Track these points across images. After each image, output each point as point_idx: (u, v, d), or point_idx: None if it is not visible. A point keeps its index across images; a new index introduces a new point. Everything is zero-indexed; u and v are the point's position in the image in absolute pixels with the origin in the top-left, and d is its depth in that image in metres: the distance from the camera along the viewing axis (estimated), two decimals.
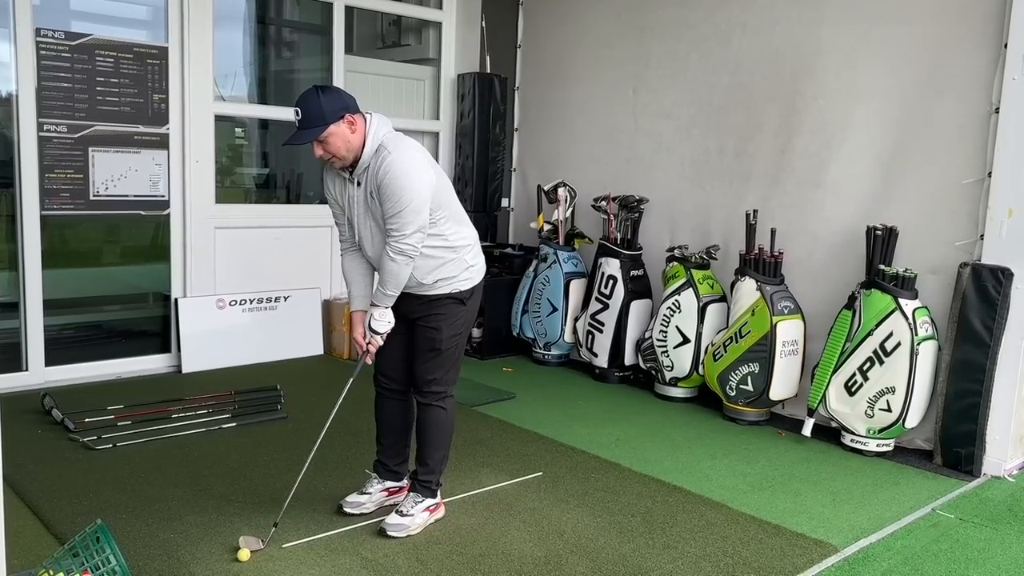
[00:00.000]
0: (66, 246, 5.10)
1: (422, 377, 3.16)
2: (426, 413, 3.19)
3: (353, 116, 2.89)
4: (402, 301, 3.10)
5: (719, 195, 5.26)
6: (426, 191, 2.90)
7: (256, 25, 6.25)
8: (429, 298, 3.10)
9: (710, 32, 5.27)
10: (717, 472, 3.97)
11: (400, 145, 2.92)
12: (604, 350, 5.48)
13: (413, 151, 2.94)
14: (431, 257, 3.03)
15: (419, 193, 2.88)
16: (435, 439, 3.21)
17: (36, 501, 3.31)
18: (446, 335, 3.12)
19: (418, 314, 3.13)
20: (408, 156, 2.90)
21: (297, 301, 5.78)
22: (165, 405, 4.45)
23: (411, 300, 3.12)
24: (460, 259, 3.10)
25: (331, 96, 2.89)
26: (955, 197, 4.21)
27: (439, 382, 3.17)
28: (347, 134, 2.87)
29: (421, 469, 3.23)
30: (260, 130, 6.32)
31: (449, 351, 3.15)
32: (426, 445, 3.22)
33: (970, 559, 3.18)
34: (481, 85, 6.31)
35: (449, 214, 3.06)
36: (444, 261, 3.06)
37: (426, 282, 3.06)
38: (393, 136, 2.95)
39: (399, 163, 2.86)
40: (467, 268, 3.13)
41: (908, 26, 4.38)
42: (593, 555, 3.05)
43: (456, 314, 3.14)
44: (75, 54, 4.77)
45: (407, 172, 2.86)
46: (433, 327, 3.11)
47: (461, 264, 3.11)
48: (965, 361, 4.05)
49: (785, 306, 4.62)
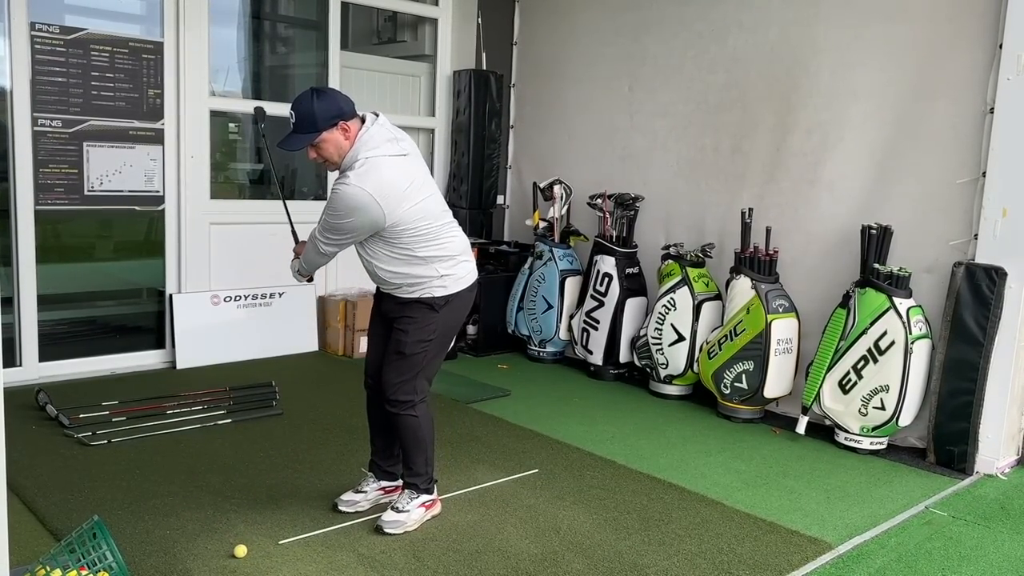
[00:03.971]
0: (60, 241, 5.08)
1: (386, 379, 3.11)
2: (396, 421, 3.16)
3: (348, 123, 2.87)
4: (383, 300, 3.18)
5: (714, 193, 5.28)
6: (353, 230, 2.92)
7: (251, 20, 6.21)
8: (401, 300, 3.10)
9: (706, 30, 5.29)
10: (712, 469, 3.98)
11: (368, 175, 2.84)
12: (599, 347, 5.49)
13: (375, 185, 2.83)
14: (395, 259, 3.00)
15: (346, 228, 2.92)
16: (411, 445, 3.19)
17: (32, 497, 3.30)
18: (412, 339, 3.06)
19: (393, 314, 3.14)
20: (362, 193, 2.82)
21: (292, 297, 5.78)
22: (160, 401, 4.44)
23: (389, 300, 3.16)
24: (430, 267, 3.02)
25: (326, 101, 2.86)
26: (949, 196, 4.23)
27: (402, 389, 3.09)
28: (340, 140, 2.88)
29: (406, 472, 3.25)
30: (255, 126, 6.30)
31: (414, 357, 3.08)
32: (404, 451, 3.23)
33: (963, 556, 3.20)
34: (477, 82, 6.30)
35: (420, 235, 2.97)
36: (409, 265, 3.01)
37: (392, 281, 3.07)
38: (375, 159, 2.87)
39: (350, 190, 2.84)
40: (440, 276, 3.04)
41: (903, 26, 4.39)
42: (589, 552, 3.06)
43: (426, 320, 3.06)
44: (70, 48, 4.75)
45: (348, 207, 2.85)
46: (401, 329, 3.09)
47: (431, 272, 3.03)
48: (959, 360, 4.08)
49: (780, 304, 4.63)
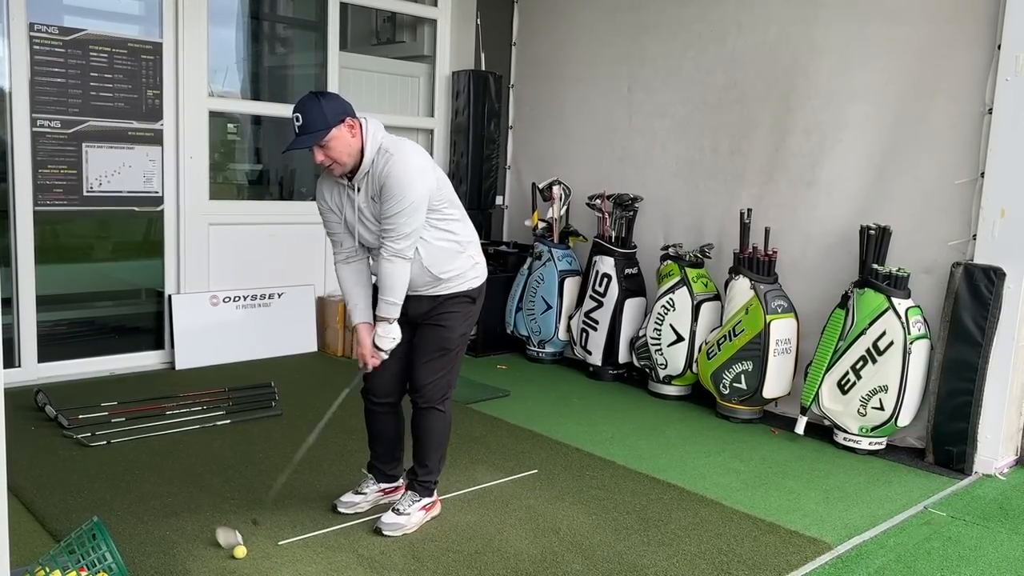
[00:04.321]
0: (59, 242, 5.08)
1: (425, 379, 3.10)
2: (424, 417, 3.14)
3: (353, 120, 2.89)
4: (411, 303, 3.05)
5: (713, 194, 5.28)
6: (425, 194, 2.91)
7: (250, 21, 6.22)
8: (443, 297, 3.08)
9: (705, 31, 5.29)
10: (711, 470, 3.99)
11: (403, 147, 2.92)
12: (598, 348, 5.49)
13: (416, 154, 2.94)
14: (444, 250, 3.03)
15: (419, 195, 2.88)
16: (435, 441, 3.19)
17: (31, 498, 3.30)
18: (456, 334, 3.11)
19: (429, 314, 3.08)
20: (412, 159, 2.90)
21: (291, 298, 5.78)
22: (159, 402, 4.43)
23: (423, 301, 3.08)
24: (467, 255, 3.12)
25: (331, 100, 2.89)
26: (948, 197, 4.24)
27: (438, 385, 3.12)
28: (348, 138, 2.85)
29: (421, 470, 3.21)
30: (253, 126, 6.30)
31: (457, 351, 3.15)
32: (425, 447, 3.19)
33: (962, 557, 3.21)
34: (476, 82, 6.30)
35: (454, 208, 3.07)
36: (456, 254, 3.07)
37: (442, 277, 3.04)
38: (392, 139, 2.94)
39: (402, 164, 2.86)
40: (474, 265, 3.15)
41: (902, 27, 4.40)
42: (589, 552, 3.06)
43: (468, 312, 3.15)
44: (69, 49, 4.75)
45: (410, 173, 2.86)
46: (445, 325, 3.09)
47: (469, 261, 3.12)
48: (957, 360, 4.08)
49: (779, 305, 4.64)
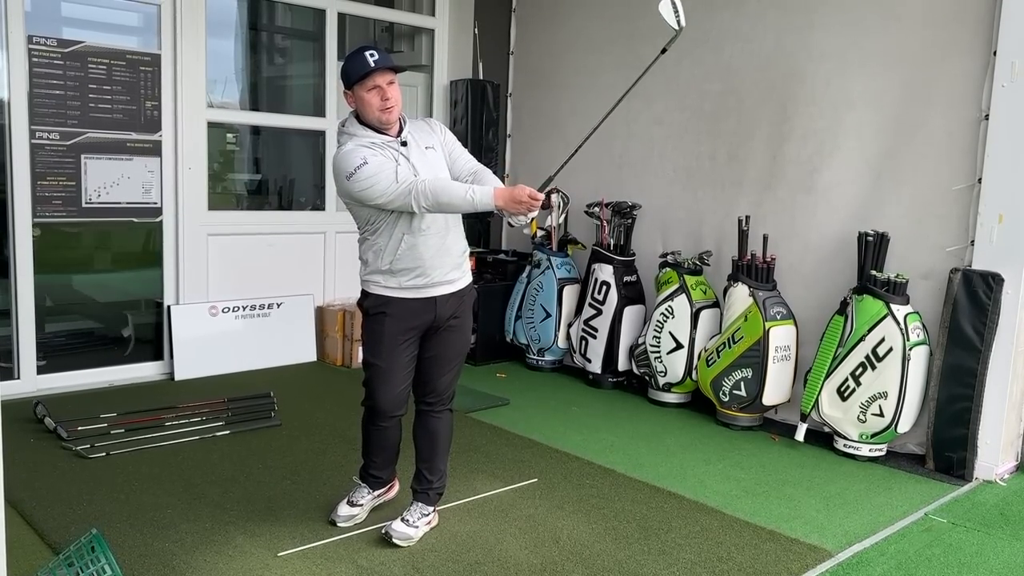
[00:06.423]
0: (58, 253, 5.08)
1: (450, 384, 3.19)
2: (440, 420, 3.22)
3: None
4: (440, 306, 3.04)
5: (711, 201, 5.29)
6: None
7: (248, 31, 6.23)
8: (462, 292, 3.13)
9: (702, 39, 5.29)
10: (711, 477, 3.98)
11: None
12: (597, 356, 5.49)
13: None
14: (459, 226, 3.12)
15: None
16: (446, 444, 3.28)
17: (30, 510, 3.29)
18: (470, 332, 3.27)
19: (454, 315, 3.09)
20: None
21: (290, 308, 5.78)
22: (158, 413, 4.43)
23: (451, 301, 3.08)
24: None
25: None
26: (946, 203, 4.25)
27: (454, 386, 3.25)
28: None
29: (433, 477, 3.22)
30: (252, 136, 6.31)
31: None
32: (438, 451, 3.23)
33: (963, 563, 3.20)
34: (474, 91, 6.32)
35: None
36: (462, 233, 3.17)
37: (462, 255, 3.12)
38: None
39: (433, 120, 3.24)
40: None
41: (898, 33, 4.41)
42: (589, 561, 3.06)
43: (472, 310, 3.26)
44: (67, 61, 4.76)
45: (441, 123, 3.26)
46: (464, 327, 3.19)
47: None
48: (956, 366, 4.08)
49: (777, 311, 4.64)
